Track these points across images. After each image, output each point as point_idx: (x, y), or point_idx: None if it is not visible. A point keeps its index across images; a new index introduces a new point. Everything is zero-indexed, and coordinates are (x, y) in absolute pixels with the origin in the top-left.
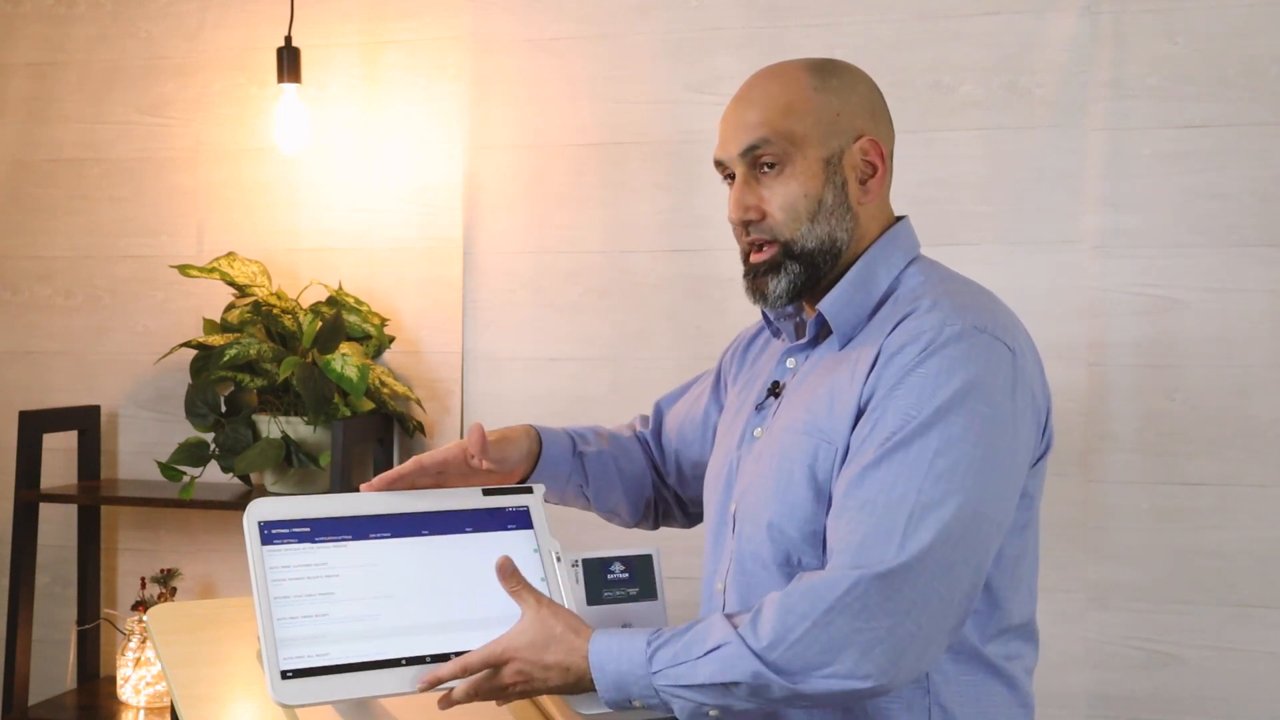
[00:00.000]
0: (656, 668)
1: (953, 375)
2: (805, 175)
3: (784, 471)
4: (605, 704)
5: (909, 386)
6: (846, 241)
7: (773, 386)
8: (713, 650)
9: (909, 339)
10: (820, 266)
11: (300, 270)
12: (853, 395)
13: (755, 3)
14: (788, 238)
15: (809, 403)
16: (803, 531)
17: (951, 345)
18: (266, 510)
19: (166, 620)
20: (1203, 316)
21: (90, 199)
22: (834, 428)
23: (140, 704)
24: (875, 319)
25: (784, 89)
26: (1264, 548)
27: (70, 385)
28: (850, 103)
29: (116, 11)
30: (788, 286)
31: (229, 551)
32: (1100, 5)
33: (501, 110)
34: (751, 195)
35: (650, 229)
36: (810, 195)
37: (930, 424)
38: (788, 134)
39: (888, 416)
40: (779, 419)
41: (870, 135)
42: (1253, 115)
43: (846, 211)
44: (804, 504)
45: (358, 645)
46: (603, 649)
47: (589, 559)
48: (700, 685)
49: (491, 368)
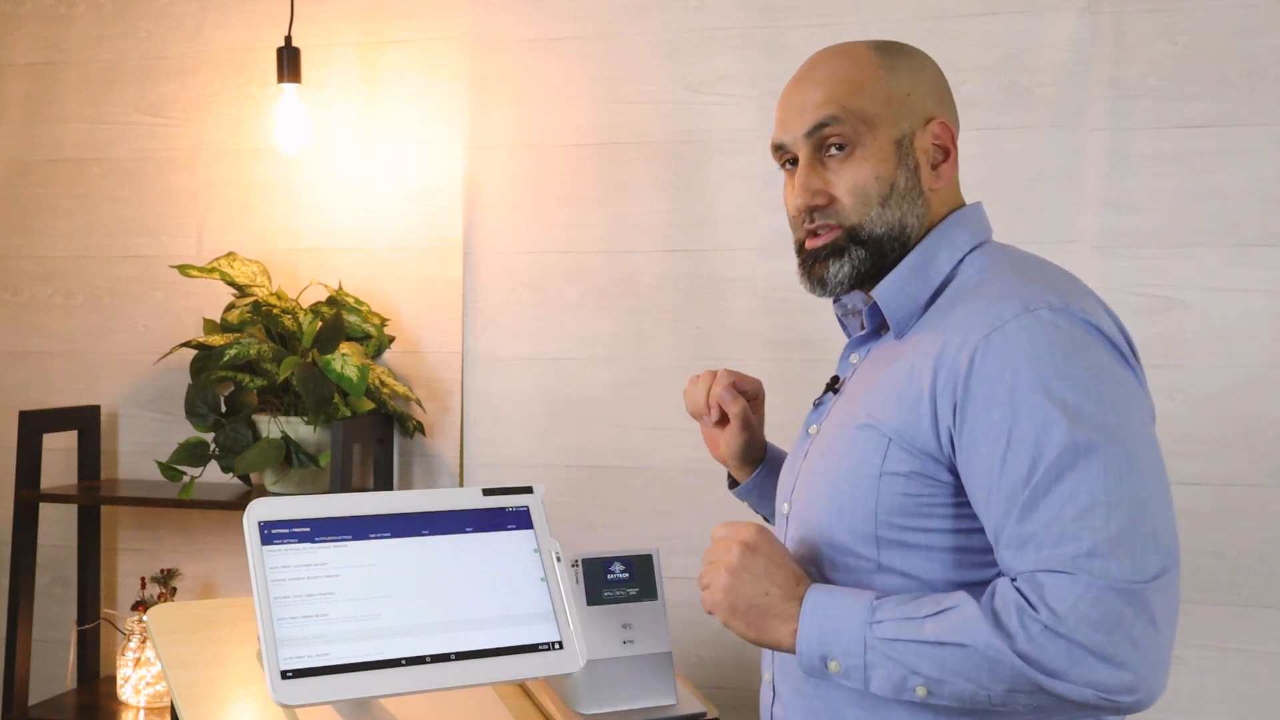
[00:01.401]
0: (879, 618)
1: (1078, 365)
2: (876, 157)
3: (834, 470)
4: (802, 665)
5: (1027, 387)
6: (916, 228)
7: (832, 381)
8: (947, 610)
9: (988, 328)
10: (886, 254)
11: (300, 270)
12: (916, 391)
13: (755, 3)
14: (855, 222)
15: (864, 397)
16: (852, 532)
17: (1042, 329)
18: (266, 510)
19: (166, 620)
20: (1203, 316)
21: (90, 199)
22: (889, 423)
23: (140, 704)
24: (936, 307)
25: (852, 67)
26: (1264, 548)
27: (70, 385)
28: (920, 84)
29: (116, 11)
30: (850, 272)
31: (229, 551)
32: (1100, 5)
33: (501, 110)
34: (818, 179)
35: (650, 229)
36: (882, 178)
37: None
38: (858, 113)
39: (1024, 428)
40: (834, 415)
41: (941, 118)
42: (1253, 115)
43: (918, 196)
44: (851, 502)
45: (358, 645)
46: (820, 597)
47: (589, 559)
48: (923, 642)
49: (491, 368)
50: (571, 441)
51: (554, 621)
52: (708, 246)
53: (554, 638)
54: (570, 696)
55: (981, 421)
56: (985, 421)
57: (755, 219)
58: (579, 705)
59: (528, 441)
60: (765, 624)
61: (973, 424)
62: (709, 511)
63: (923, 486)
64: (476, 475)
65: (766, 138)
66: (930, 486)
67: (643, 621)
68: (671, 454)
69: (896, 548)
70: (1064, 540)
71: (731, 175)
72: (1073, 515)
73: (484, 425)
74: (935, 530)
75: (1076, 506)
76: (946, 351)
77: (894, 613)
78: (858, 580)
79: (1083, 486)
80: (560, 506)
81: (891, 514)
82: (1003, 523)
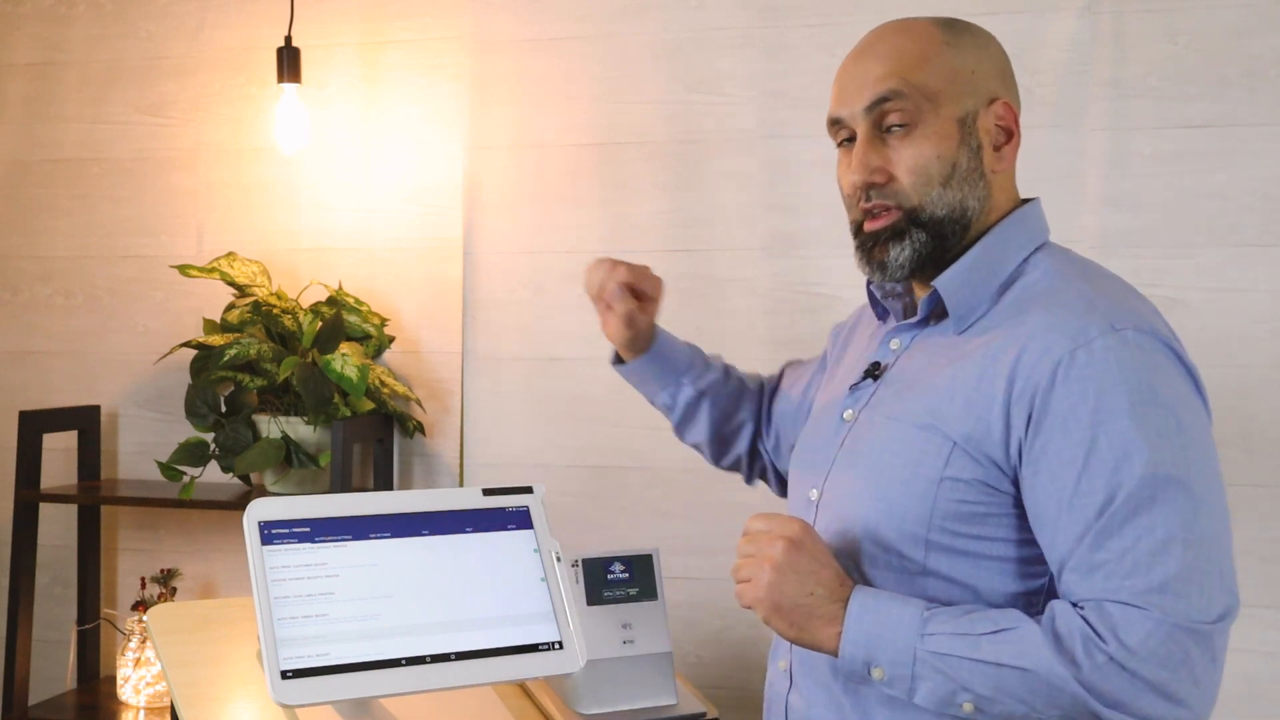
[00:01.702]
0: (931, 631)
1: (1158, 394)
2: (939, 135)
3: (886, 467)
4: (843, 669)
5: (1108, 413)
6: (977, 212)
7: (872, 367)
8: (1005, 630)
9: (1072, 343)
10: (948, 237)
11: (300, 270)
12: (987, 397)
13: (755, 3)
14: (915, 203)
15: (924, 394)
16: (900, 532)
17: (1127, 352)
18: (266, 510)
19: (166, 620)
20: (1203, 316)
21: (90, 199)
22: (955, 427)
23: (140, 704)
24: (1001, 306)
25: (915, 41)
26: (1264, 548)
27: (70, 385)
28: (984, 61)
29: (116, 11)
30: (911, 255)
31: (229, 551)
32: (1100, 5)
33: (501, 110)
34: (877, 156)
35: (650, 229)
36: (944, 157)
37: (1164, 463)
38: (921, 88)
39: (1103, 453)
40: (880, 405)
41: (1004, 98)
42: (1253, 115)
43: (980, 179)
44: (903, 502)
45: (358, 645)
46: (867, 601)
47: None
48: (979, 661)
49: (491, 368)
50: (571, 441)
51: (554, 621)
52: (708, 246)
53: (554, 638)
54: (570, 696)
55: (1057, 438)
56: (1062, 439)
57: (755, 219)
58: (579, 705)
59: (528, 441)
60: (809, 624)
61: (1046, 439)
62: (709, 511)
63: (981, 494)
64: (476, 475)
65: (767, 138)
66: (989, 495)
67: (643, 621)
68: (671, 454)
69: (945, 552)
70: (1136, 573)
71: (731, 175)
72: (1148, 549)
73: (484, 425)
74: (987, 539)
75: (1152, 540)
76: (1024, 360)
77: (947, 626)
78: (898, 581)
79: (1159, 521)
80: (560, 506)
81: (945, 519)
82: (1071, 545)
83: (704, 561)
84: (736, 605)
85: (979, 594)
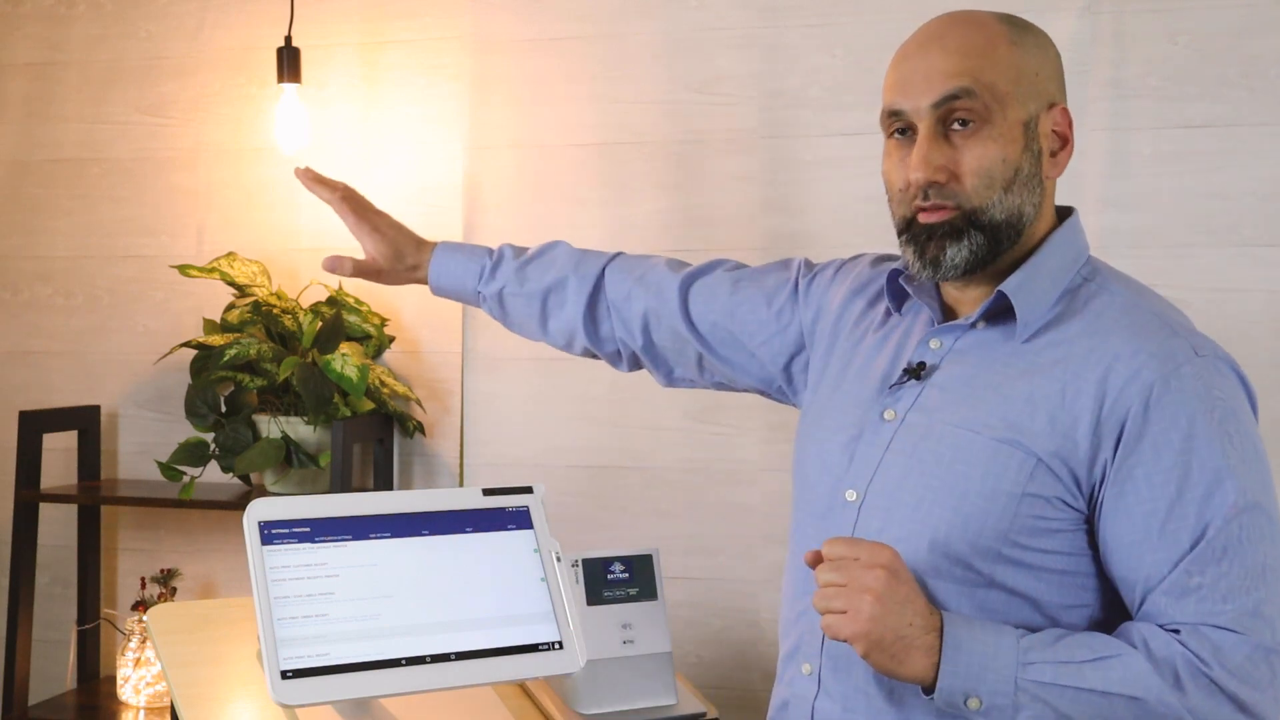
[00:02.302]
0: (1031, 659)
1: (1240, 422)
2: (1005, 138)
3: (962, 477)
4: (939, 700)
5: (1208, 439)
6: (1031, 217)
7: (917, 368)
8: (1106, 658)
9: (1163, 368)
10: (1002, 242)
11: (300, 270)
12: (1072, 415)
13: (755, 3)
14: (975, 205)
15: (997, 404)
16: (974, 547)
17: (1213, 379)
18: (266, 510)
19: (166, 620)
20: (1203, 316)
21: (90, 199)
22: (1040, 443)
23: (140, 704)
24: (1070, 318)
25: (985, 38)
26: None
27: (70, 385)
28: (1047, 64)
29: (116, 11)
30: (968, 257)
31: (229, 551)
32: (1100, 5)
33: (501, 110)
34: (941, 154)
35: (650, 229)
36: (1009, 161)
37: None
38: (991, 87)
39: (1195, 480)
40: (935, 410)
41: (1062, 104)
42: (1253, 115)
43: (1038, 185)
44: (981, 517)
45: (358, 645)
46: (961, 631)
47: (589, 559)
48: (1084, 689)
49: (491, 368)
50: (571, 441)
51: (554, 621)
52: (708, 246)
53: (554, 638)
54: (570, 696)
55: (1147, 462)
56: (1152, 464)
57: (755, 219)
58: (579, 705)
59: (528, 441)
60: (907, 656)
61: (1135, 462)
62: (709, 511)
63: (1058, 511)
64: (476, 475)
65: (766, 138)
66: (1063, 510)
67: (643, 621)
68: (671, 454)
69: (1012, 565)
70: (1231, 598)
71: (731, 175)
72: (1241, 575)
73: (484, 425)
74: (1053, 552)
75: (1244, 567)
76: (1112, 381)
77: (1046, 655)
78: (960, 592)
79: (1250, 549)
80: (560, 506)
81: (1021, 534)
82: (1164, 570)
83: (704, 561)
84: (736, 605)
85: (1038, 606)
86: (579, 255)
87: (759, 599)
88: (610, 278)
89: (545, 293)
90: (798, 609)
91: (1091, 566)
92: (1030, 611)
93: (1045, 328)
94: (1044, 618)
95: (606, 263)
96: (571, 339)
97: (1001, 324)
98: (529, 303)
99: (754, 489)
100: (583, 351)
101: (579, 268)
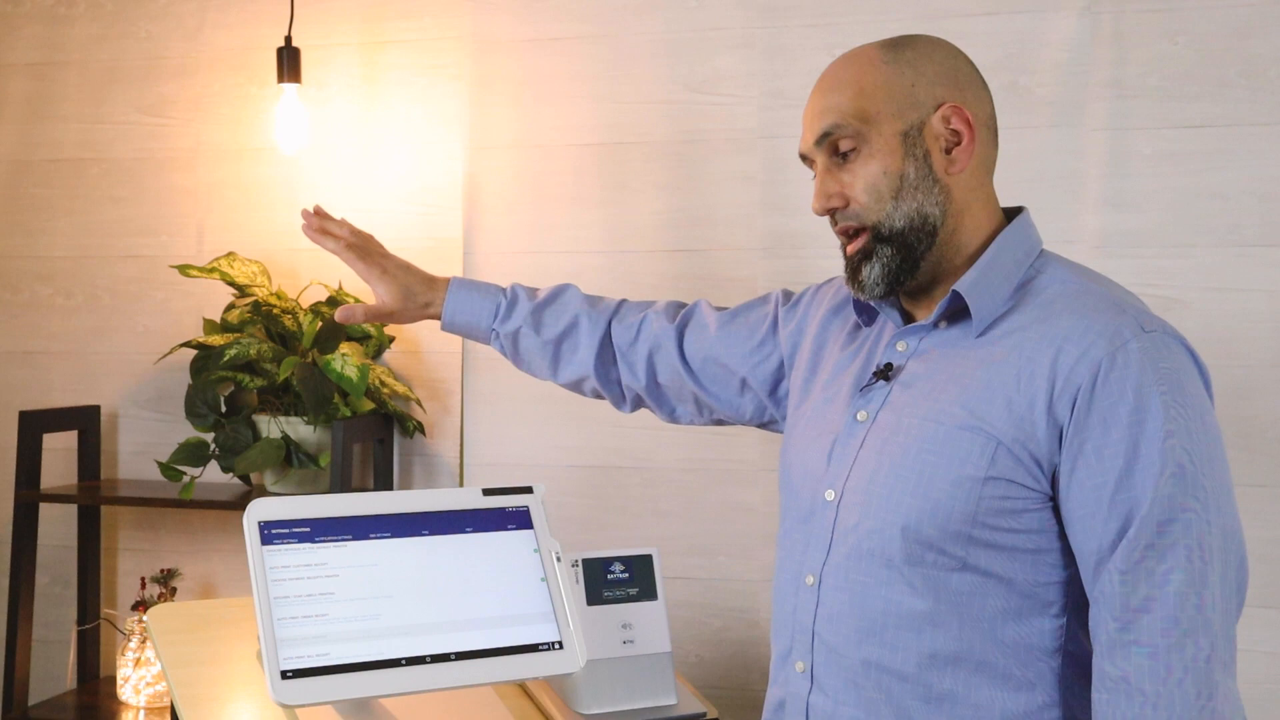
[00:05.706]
0: None
1: (1188, 394)
2: (883, 153)
3: (926, 466)
4: None
5: (1158, 424)
6: (940, 217)
7: (885, 369)
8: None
9: (1109, 345)
10: (914, 246)
11: (300, 270)
12: (1028, 398)
13: (755, 3)
14: (875, 220)
15: (959, 395)
16: (944, 531)
17: (1159, 353)
18: (266, 510)
19: (166, 620)
20: (1203, 316)
21: (90, 199)
22: (999, 427)
23: (140, 704)
24: (1022, 308)
25: (854, 70)
26: (1264, 547)
27: (70, 385)
28: (925, 73)
29: (116, 11)
30: (882, 272)
31: (229, 551)
32: (1100, 5)
33: (501, 110)
34: (833, 183)
35: (650, 229)
36: (890, 172)
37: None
38: (858, 114)
39: (1145, 459)
40: (903, 406)
41: (952, 102)
42: (1253, 115)
43: (933, 184)
44: (948, 502)
45: (358, 645)
46: None
47: (589, 559)
48: None
49: (491, 368)
50: (571, 441)
51: (554, 621)
52: (708, 246)
53: (554, 638)
54: (570, 696)
55: (1096, 436)
56: (1101, 438)
57: (755, 219)
58: (579, 705)
59: (528, 441)
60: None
61: (1085, 437)
62: (709, 511)
63: (1021, 491)
64: (476, 475)
65: (767, 138)
66: (1028, 491)
67: (643, 621)
68: (671, 454)
69: (983, 547)
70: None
71: (731, 175)
72: (1185, 551)
73: (484, 425)
74: (1023, 531)
75: (1189, 541)
76: (1062, 360)
77: None
78: (935, 577)
79: (1193, 522)
80: (560, 506)
81: (988, 515)
82: (1112, 542)
83: (704, 561)
84: (736, 605)
85: (1013, 585)
86: (589, 302)
87: (758, 599)
88: (616, 326)
89: (559, 339)
90: (788, 609)
91: (1060, 543)
92: (1006, 591)
93: (1000, 319)
94: (1020, 596)
95: (614, 312)
96: (581, 383)
97: (961, 321)
98: (543, 348)
99: (754, 489)
100: (591, 393)
101: (590, 315)
